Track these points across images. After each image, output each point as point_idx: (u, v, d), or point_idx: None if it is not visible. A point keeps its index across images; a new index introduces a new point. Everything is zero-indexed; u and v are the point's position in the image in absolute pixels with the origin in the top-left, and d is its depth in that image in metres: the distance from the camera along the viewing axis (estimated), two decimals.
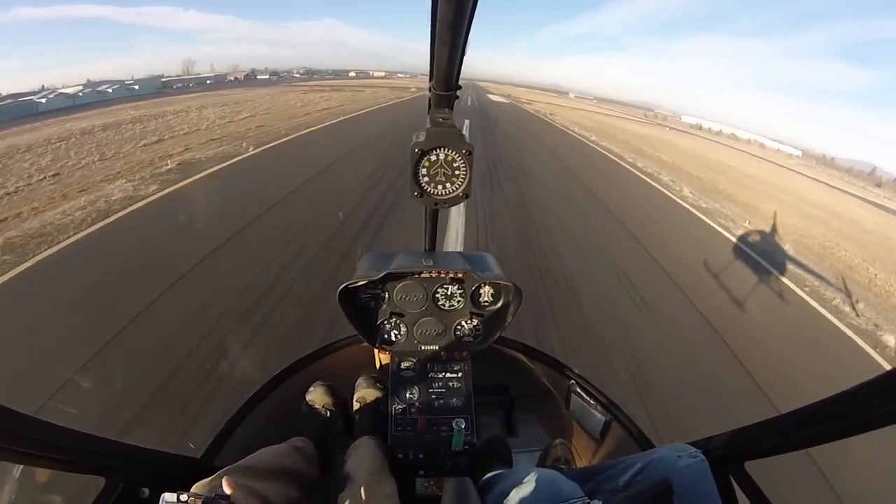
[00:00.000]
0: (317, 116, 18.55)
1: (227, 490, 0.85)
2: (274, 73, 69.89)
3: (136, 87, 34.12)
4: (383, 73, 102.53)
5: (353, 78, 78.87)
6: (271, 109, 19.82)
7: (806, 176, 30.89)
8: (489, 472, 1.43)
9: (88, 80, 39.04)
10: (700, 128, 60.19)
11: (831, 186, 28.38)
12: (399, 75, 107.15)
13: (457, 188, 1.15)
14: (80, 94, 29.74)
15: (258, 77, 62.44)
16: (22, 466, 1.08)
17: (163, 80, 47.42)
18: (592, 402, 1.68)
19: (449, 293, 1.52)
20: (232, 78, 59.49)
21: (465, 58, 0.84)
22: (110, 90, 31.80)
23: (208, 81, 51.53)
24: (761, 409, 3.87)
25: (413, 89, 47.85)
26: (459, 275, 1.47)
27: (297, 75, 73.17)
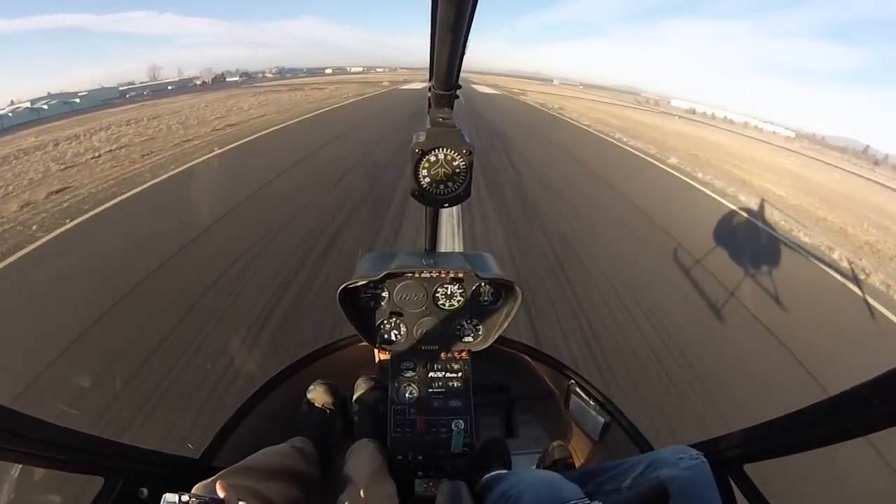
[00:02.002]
0: (198, 145, 11.98)
1: (221, 493, 0.85)
2: (244, 75, 67.59)
3: (77, 100, 30.82)
4: (361, 69, 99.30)
5: (328, 75, 75.45)
6: (158, 133, 13.99)
7: None
8: (488, 473, 1.41)
9: (49, 93, 36.08)
10: (694, 112, 57.83)
11: None
12: (378, 69, 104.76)
13: (457, 188, 1.17)
14: (10, 114, 26.45)
15: (227, 79, 59.80)
16: (21, 466, 1.04)
17: (121, 88, 44.76)
18: (592, 402, 1.68)
19: (449, 293, 1.53)
20: (198, 82, 56.63)
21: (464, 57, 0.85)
22: (46, 106, 28.54)
23: (170, 87, 48.82)
24: None
25: (386, 83, 44.23)
26: (459, 274, 1.49)
27: (270, 75, 70.02)
